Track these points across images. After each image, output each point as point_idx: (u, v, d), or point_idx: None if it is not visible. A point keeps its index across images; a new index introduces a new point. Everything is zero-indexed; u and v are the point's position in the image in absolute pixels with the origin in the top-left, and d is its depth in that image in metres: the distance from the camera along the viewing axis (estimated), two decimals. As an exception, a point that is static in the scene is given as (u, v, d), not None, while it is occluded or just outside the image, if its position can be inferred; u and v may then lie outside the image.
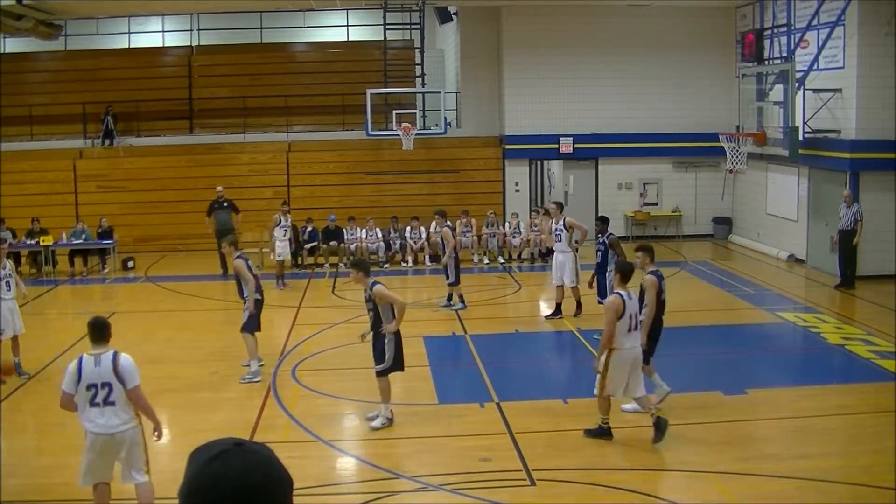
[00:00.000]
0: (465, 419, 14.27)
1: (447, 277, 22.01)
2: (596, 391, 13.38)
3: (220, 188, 27.60)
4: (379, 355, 13.90)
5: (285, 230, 25.73)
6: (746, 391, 15.42)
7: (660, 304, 14.72)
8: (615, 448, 12.98)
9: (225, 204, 27.08)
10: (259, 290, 16.86)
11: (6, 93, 34.66)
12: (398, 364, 13.96)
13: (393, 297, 13.78)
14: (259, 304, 16.84)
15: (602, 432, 13.27)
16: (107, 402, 9.95)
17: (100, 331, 10.30)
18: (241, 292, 16.86)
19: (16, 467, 12.64)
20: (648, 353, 14.16)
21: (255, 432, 13.65)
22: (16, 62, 36.75)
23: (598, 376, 13.25)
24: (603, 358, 13.14)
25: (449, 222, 23.08)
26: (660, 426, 12.81)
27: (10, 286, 17.22)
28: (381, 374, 13.83)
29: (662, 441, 12.74)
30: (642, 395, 13.34)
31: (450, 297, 22.41)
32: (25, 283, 26.84)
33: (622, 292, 13.27)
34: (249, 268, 16.75)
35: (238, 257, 16.84)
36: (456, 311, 21.91)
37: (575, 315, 20.82)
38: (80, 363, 9.97)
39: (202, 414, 14.83)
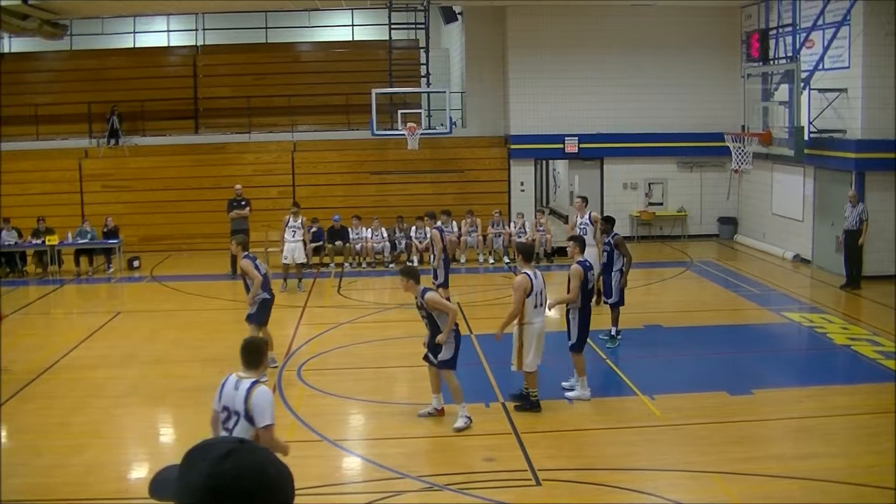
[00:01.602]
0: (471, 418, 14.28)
1: (435, 279, 21.92)
2: (514, 367, 14.48)
3: (238, 187, 27.45)
4: (433, 352, 13.93)
5: (294, 231, 25.50)
6: (752, 391, 15.41)
7: (586, 294, 15.33)
8: (621, 448, 12.98)
9: (243, 202, 26.96)
10: (268, 289, 16.87)
11: (11, 92, 34.77)
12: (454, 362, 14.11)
13: (444, 305, 13.77)
14: (268, 302, 16.83)
15: (531, 405, 14.51)
16: (232, 431, 8.92)
17: (248, 354, 9.38)
18: (248, 292, 16.88)
19: (18, 467, 12.66)
20: (579, 343, 15.25)
21: (261, 432, 13.63)
22: (21, 62, 36.86)
23: (514, 352, 14.35)
24: (515, 331, 14.37)
25: (440, 223, 23.10)
26: (529, 403, 14.48)
27: None
28: (444, 366, 13.82)
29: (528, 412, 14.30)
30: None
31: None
32: (31, 283, 27.09)
33: (529, 272, 14.33)
34: (257, 266, 16.75)
35: (245, 257, 16.86)
36: None
37: (596, 304, 20.96)
38: (225, 380, 9.24)
39: (207, 414, 14.78)
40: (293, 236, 25.34)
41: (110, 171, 32.74)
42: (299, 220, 25.57)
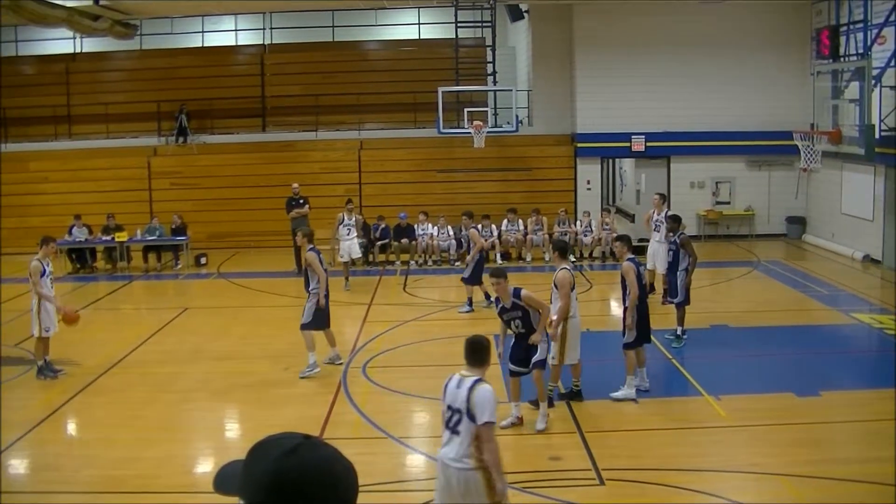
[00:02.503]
0: (536, 417, 14.25)
1: (463, 273, 22.18)
2: (555, 360, 14.48)
3: (295, 185, 27.65)
4: (521, 360, 13.79)
5: (349, 229, 25.63)
6: (819, 393, 15.23)
7: (642, 289, 15.36)
8: (685, 449, 12.91)
9: (301, 201, 27.15)
10: (325, 286, 16.95)
11: (83, 91, 35.43)
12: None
13: (539, 302, 13.68)
14: (323, 306, 16.91)
15: (572, 395, 14.84)
16: (455, 429, 8.88)
17: (472, 352, 9.41)
18: (307, 285, 16.97)
19: (91, 459, 12.89)
20: (639, 339, 15.27)
21: (325, 428, 13.73)
22: (93, 61, 37.40)
23: (556, 346, 14.37)
24: (561, 328, 14.35)
25: (480, 224, 23.33)
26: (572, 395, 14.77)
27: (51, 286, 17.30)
28: (537, 366, 13.72)
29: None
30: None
31: (483, 296, 22.38)
32: (100, 279, 27.49)
33: (568, 266, 14.74)
34: (321, 261, 16.87)
35: (311, 249, 16.94)
36: (462, 311, 21.95)
37: (663, 303, 20.95)
38: (448, 380, 9.25)
39: (273, 409, 14.95)
40: (348, 234, 25.47)
41: (179, 169, 33.14)
42: (353, 218, 25.71)
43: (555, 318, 14.33)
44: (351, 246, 25.52)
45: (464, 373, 9.16)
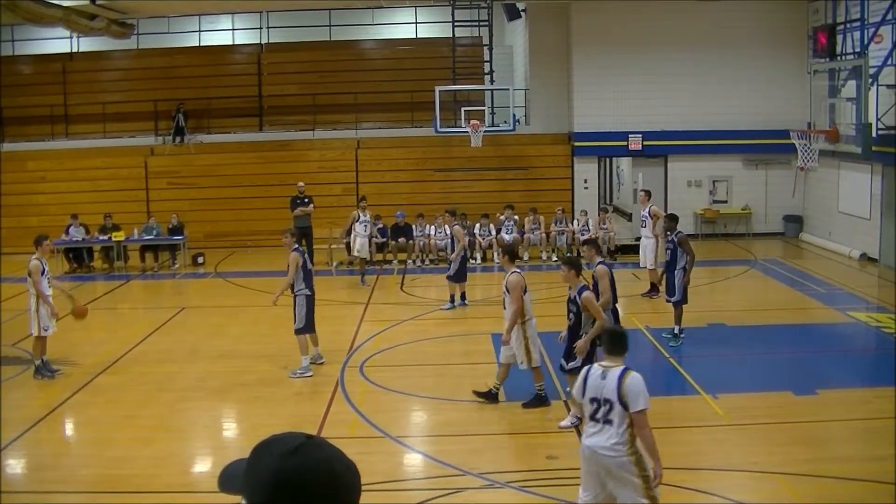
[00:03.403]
0: (533, 416, 14.27)
1: (448, 271, 22.33)
2: (524, 365, 14.48)
3: (301, 184, 27.61)
4: (568, 355, 13.88)
5: (366, 225, 25.75)
6: (817, 392, 15.23)
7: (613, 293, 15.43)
8: (683, 448, 12.89)
9: (306, 199, 27.14)
10: (310, 285, 16.99)
11: (80, 91, 35.40)
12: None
13: (597, 310, 13.62)
14: (310, 300, 16.92)
15: (541, 401, 14.65)
16: (606, 419, 9.00)
17: (612, 343, 9.52)
18: (293, 287, 16.97)
19: (89, 458, 12.91)
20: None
21: (323, 427, 13.74)
22: (89, 61, 37.36)
23: (520, 352, 14.38)
24: (516, 331, 14.38)
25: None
26: (538, 399, 14.62)
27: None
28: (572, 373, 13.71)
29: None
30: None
31: (459, 297, 22.47)
32: (98, 279, 27.50)
33: (518, 270, 14.83)
34: (305, 263, 16.91)
35: (295, 249, 16.94)
36: (444, 308, 22.16)
37: (647, 295, 21.06)
38: (587, 373, 9.33)
39: (271, 408, 14.96)
40: (365, 230, 25.59)
41: (176, 169, 33.15)
42: (367, 215, 25.85)
43: (507, 324, 14.46)
44: (364, 244, 25.61)
45: (605, 364, 9.27)
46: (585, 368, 9.49)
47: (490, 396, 14.79)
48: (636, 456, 8.94)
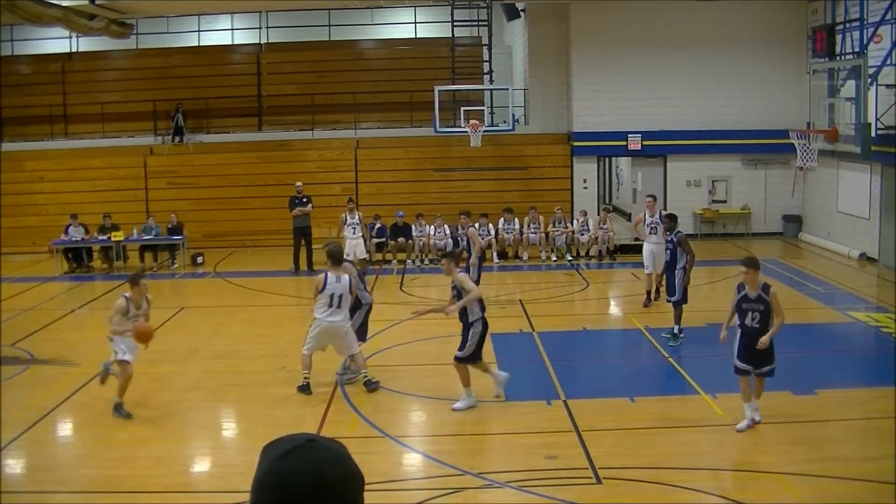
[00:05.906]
0: (532, 416, 14.25)
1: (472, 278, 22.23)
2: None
3: (299, 184, 27.60)
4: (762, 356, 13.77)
5: (354, 228, 25.71)
6: (816, 392, 15.23)
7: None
8: (682, 447, 12.90)
9: (304, 199, 27.14)
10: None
11: (79, 91, 35.43)
12: None
13: (781, 307, 13.70)
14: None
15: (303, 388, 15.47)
16: None
17: None
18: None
19: (88, 458, 12.89)
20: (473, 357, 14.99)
21: (322, 427, 13.73)
22: (89, 61, 37.38)
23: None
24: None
25: (477, 223, 23.32)
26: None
27: None
28: None
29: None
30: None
31: None
32: (97, 279, 27.50)
33: (332, 274, 15.33)
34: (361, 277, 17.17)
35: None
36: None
37: (647, 303, 21.13)
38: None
39: (270, 409, 14.94)
40: (353, 233, 25.52)
41: (175, 168, 33.15)
42: (356, 217, 25.78)
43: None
44: (357, 245, 25.56)
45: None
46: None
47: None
48: None
